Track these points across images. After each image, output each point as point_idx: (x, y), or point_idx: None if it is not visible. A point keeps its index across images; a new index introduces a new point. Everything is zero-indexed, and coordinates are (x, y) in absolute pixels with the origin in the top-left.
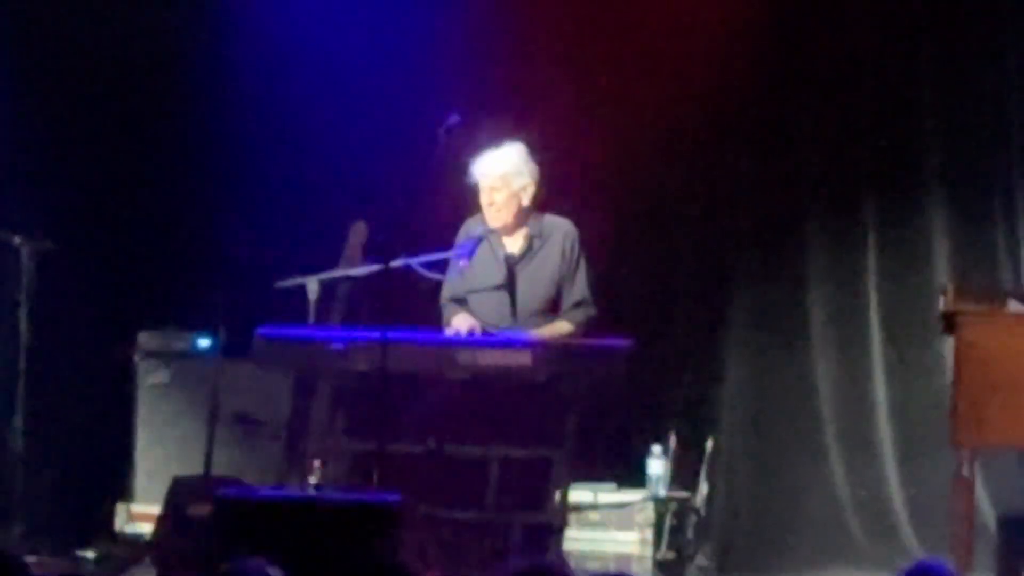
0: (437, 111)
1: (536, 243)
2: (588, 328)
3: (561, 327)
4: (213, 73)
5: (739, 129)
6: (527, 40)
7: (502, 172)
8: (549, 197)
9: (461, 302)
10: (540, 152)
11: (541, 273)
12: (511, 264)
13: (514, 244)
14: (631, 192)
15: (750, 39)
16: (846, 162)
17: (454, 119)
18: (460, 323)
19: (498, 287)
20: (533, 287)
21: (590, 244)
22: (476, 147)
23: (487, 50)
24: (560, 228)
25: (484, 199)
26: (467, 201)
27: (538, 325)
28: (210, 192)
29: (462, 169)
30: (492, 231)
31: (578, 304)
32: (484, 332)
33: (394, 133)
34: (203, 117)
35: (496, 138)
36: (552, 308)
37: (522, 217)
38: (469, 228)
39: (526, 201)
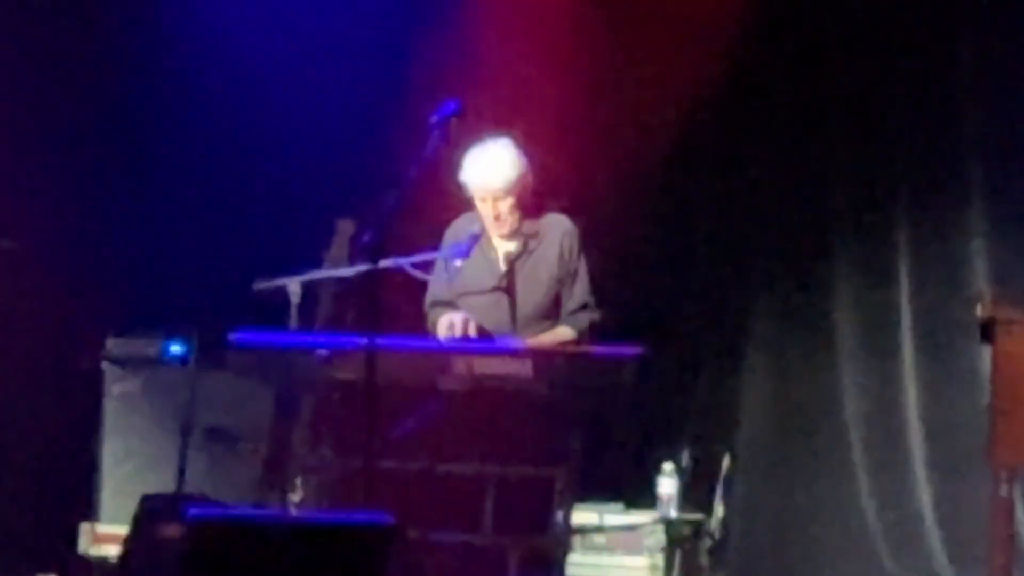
0: (426, 103)
1: (532, 243)
2: (591, 334)
3: (563, 333)
4: (189, 68)
5: (765, 131)
6: (530, 34)
7: (504, 181)
8: (562, 199)
9: (448, 305)
10: (551, 152)
11: (539, 275)
12: (509, 268)
13: (509, 247)
14: (648, 194)
15: (779, 36)
16: (877, 163)
17: (451, 108)
18: (454, 318)
19: (493, 290)
20: (531, 290)
21: (602, 247)
22: (470, 142)
23: (482, 43)
24: (558, 226)
25: (487, 211)
26: (459, 197)
27: (537, 332)
28: (185, 188)
29: (455, 164)
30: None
31: (580, 308)
32: (480, 333)
33: (381, 126)
34: (177, 112)
35: (482, 135)
36: (551, 312)
37: (523, 218)
38: (459, 228)
39: (527, 199)
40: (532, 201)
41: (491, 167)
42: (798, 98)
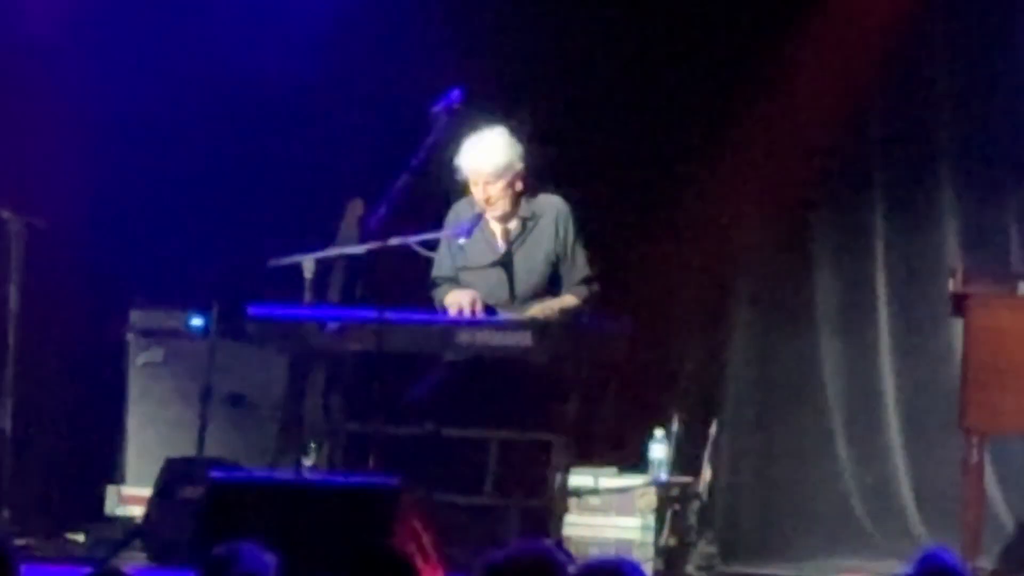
0: (435, 87)
1: (529, 224)
2: (592, 304)
3: (568, 300)
4: (204, 50)
5: (744, 108)
6: (526, 20)
7: (493, 167)
8: (548, 180)
9: (451, 281)
10: (540, 133)
11: (535, 253)
12: (507, 248)
13: (506, 224)
14: (632, 172)
15: (754, 20)
16: (854, 143)
17: (455, 96)
18: (462, 298)
19: (492, 265)
20: (529, 267)
21: (593, 225)
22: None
23: (487, 29)
24: (552, 206)
25: (479, 194)
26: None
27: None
28: (203, 168)
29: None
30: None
31: (581, 281)
32: (486, 307)
33: (391, 110)
34: (195, 94)
35: (475, 123)
36: (549, 288)
37: (517, 200)
38: (460, 210)
39: (520, 186)
40: (527, 184)
41: (483, 154)
42: (779, 79)
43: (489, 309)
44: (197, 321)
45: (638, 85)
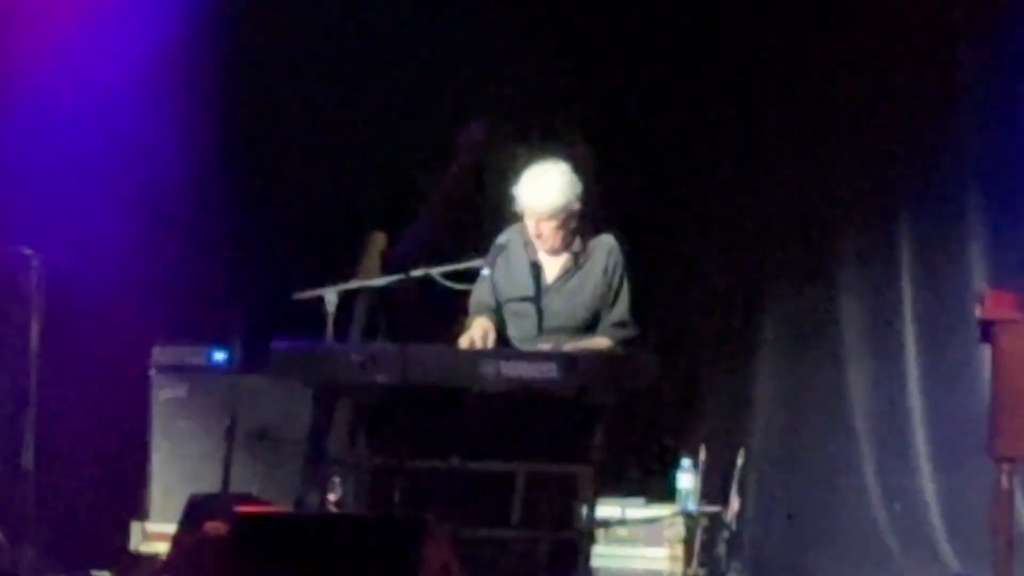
0: (457, 119)
1: (581, 259)
2: (627, 349)
3: (601, 343)
4: (230, 79)
5: (771, 136)
6: (549, 43)
7: (550, 206)
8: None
9: (489, 310)
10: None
11: (582, 289)
12: (554, 281)
13: (557, 262)
14: (660, 199)
15: (777, 39)
16: (880, 168)
17: (475, 129)
18: (475, 330)
19: (537, 297)
20: (572, 303)
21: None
22: (503, 158)
23: (508, 55)
24: (604, 244)
25: (531, 229)
26: (487, 211)
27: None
28: (226, 203)
29: (482, 178)
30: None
31: (619, 324)
32: (503, 344)
33: (414, 142)
34: (219, 125)
35: (534, 154)
36: (591, 327)
37: (570, 237)
38: (499, 239)
39: (573, 225)
40: (583, 223)
41: (542, 190)
42: (805, 104)
43: (504, 344)
44: (220, 355)
45: (661, 116)
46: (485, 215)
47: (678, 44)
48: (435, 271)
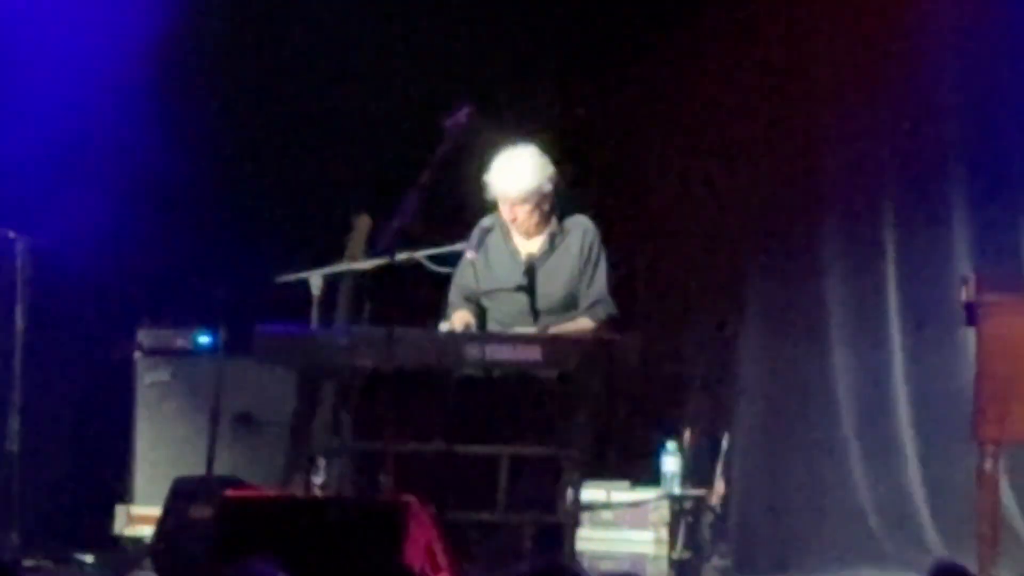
0: (443, 102)
1: (557, 240)
2: (608, 327)
3: (583, 323)
4: (214, 63)
5: (754, 119)
6: (536, 31)
7: (522, 190)
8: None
9: (469, 297)
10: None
11: (560, 270)
12: (531, 263)
13: (534, 244)
14: (643, 184)
15: (763, 28)
16: (864, 152)
17: (463, 112)
18: (455, 323)
19: (518, 288)
20: (552, 284)
21: (603, 237)
22: (484, 142)
23: (496, 41)
24: (579, 225)
25: (506, 213)
26: (473, 195)
27: (557, 323)
28: (209, 185)
29: (468, 163)
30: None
31: (597, 303)
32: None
33: (398, 124)
34: (205, 109)
35: (504, 138)
36: (570, 306)
37: (545, 219)
38: (481, 225)
39: (547, 207)
40: (555, 204)
41: (513, 175)
42: (790, 89)
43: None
44: (205, 339)
45: (645, 92)
46: (469, 200)
47: (657, 20)
48: (421, 255)
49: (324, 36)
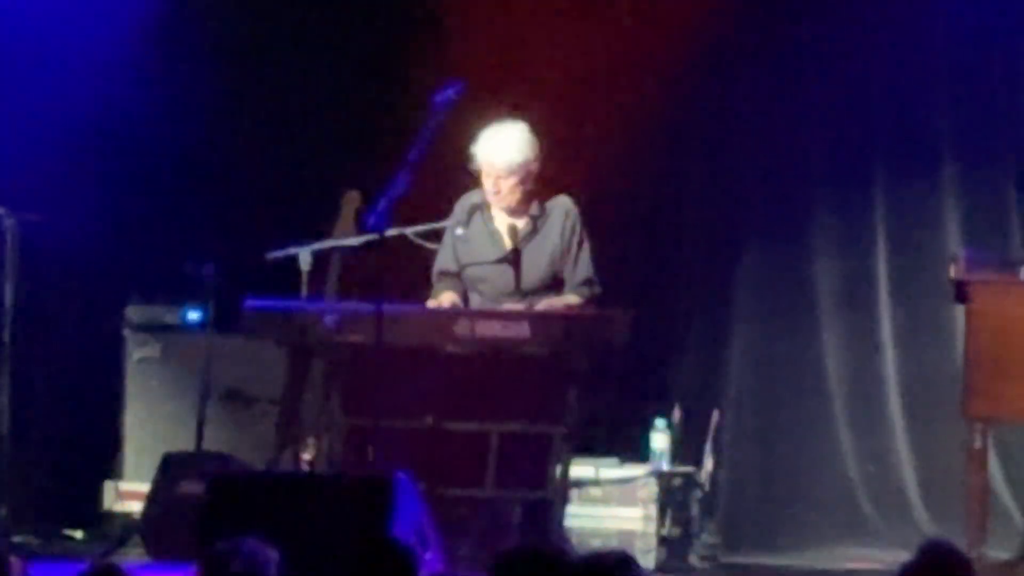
0: (432, 80)
1: (539, 222)
2: (594, 305)
3: (570, 299)
4: (203, 41)
5: (744, 97)
6: (527, 12)
7: (508, 163)
8: (550, 171)
9: (453, 276)
10: (540, 126)
11: (542, 250)
12: (516, 242)
13: (517, 223)
14: (633, 163)
15: (751, 7)
16: (854, 129)
17: (452, 90)
18: (441, 301)
19: (498, 261)
20: (536, 264)
21: (592, 216)
22: (471, 121)
23: (487, 20)
24: (560, 205)
25: (489, 186)
26: (461, 172)
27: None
28: (198, 161)
29: (456, 140)
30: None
31: (583, 283)
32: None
33: (388, 101)
34: (193, 85)
35: (493, 115)
36: (553, 286)
37: (527, 198)
38: (465, 201)
39: (531, 184)
40: (540, 184)
41: (500, 147)
42: (780, 66)
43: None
44: (194, 315)
45: (636, 76)
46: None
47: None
48: (409, 231)
49: (312, 14)
